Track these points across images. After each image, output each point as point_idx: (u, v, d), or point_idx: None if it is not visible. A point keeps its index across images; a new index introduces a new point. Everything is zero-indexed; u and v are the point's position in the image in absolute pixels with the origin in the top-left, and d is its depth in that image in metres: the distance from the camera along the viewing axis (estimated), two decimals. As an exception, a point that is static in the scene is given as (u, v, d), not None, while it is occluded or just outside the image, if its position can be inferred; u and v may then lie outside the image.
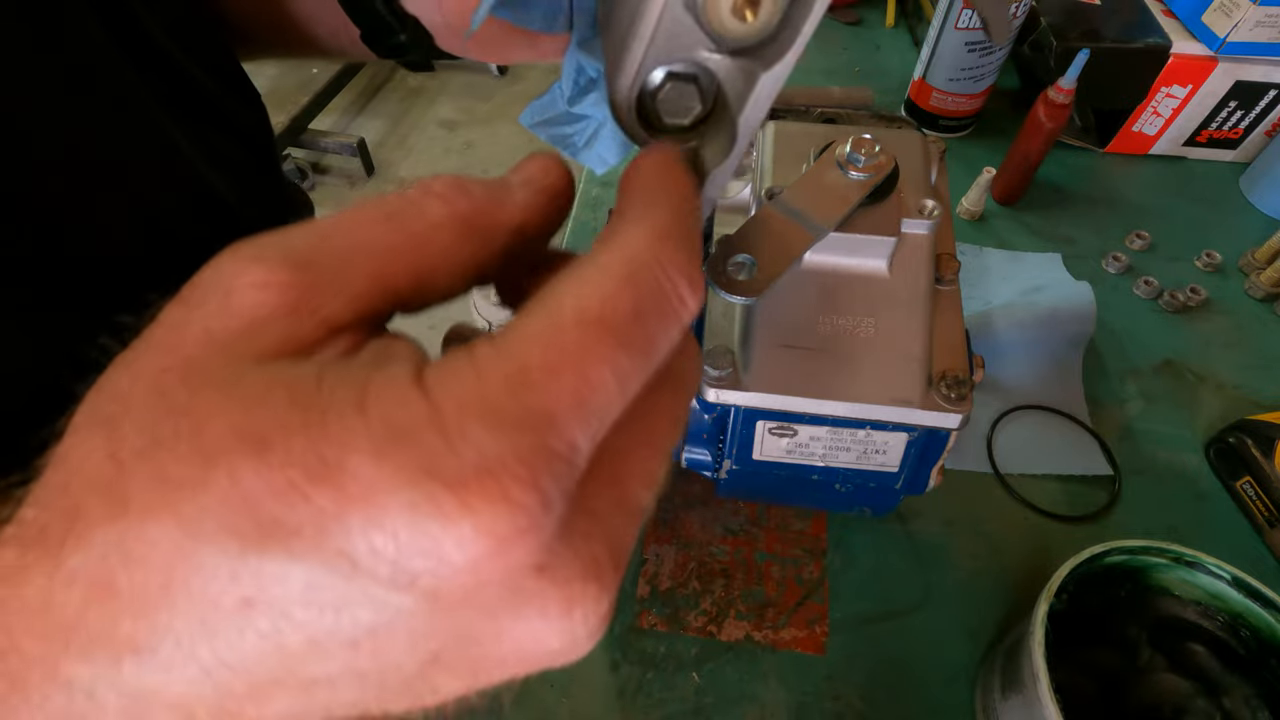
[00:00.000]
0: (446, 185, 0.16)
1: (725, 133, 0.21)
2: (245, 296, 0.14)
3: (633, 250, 0.15)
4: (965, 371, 0.35)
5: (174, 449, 0.12)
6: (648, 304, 0.14)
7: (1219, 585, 0.41)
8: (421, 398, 0.13)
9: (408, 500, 0.12)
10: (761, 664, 0.46)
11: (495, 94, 2.45)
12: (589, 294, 0.14)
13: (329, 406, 0.13)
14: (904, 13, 0.91)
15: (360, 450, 0.12)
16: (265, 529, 0.12)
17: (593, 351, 0.13)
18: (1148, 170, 0.75)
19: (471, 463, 0.12)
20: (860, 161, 0.36)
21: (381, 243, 0.15)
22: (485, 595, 0.13)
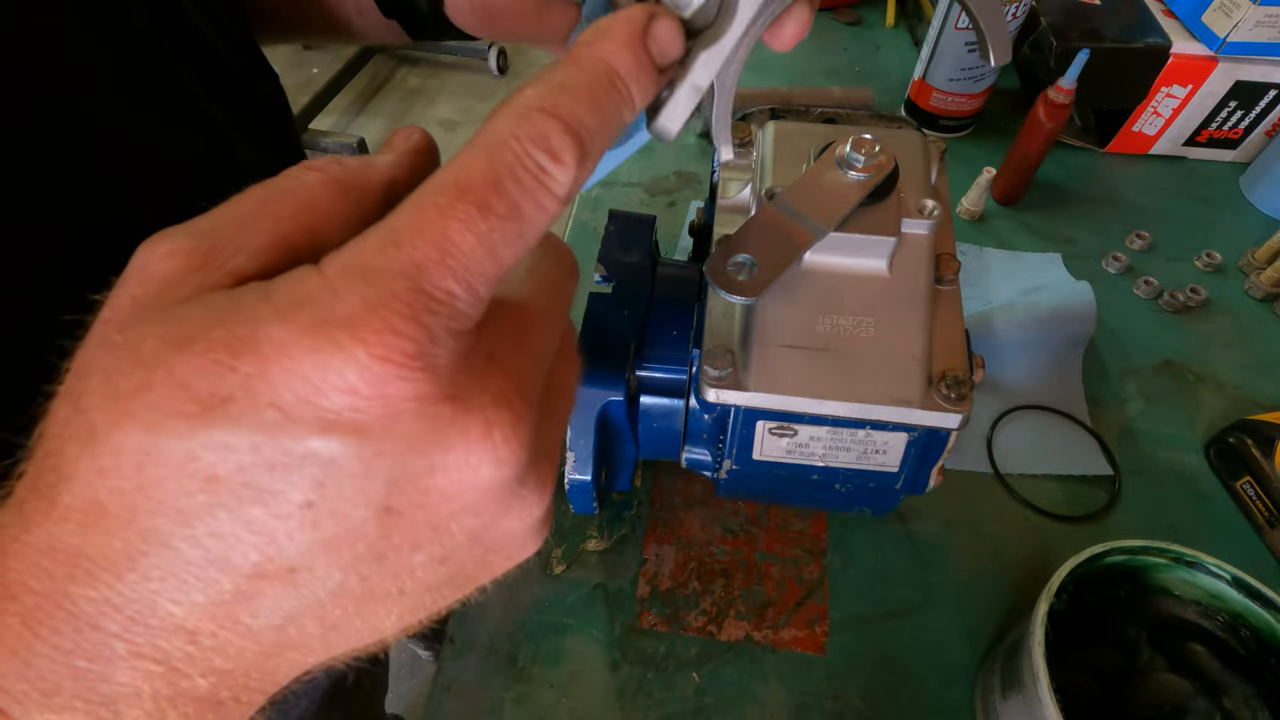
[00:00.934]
0: (321, 159, 0.18)
1: (726, 13, 0.20)
2: (156, 265, 0.16)
3: (494, 128, 0.16)
4: (965, 371, 0.35)
5: (119, 370, 0.14)
6: (503, 172, 0.16)
7: (1219, 585, 0.41)
8: (314, 273, 0.15)
9: (311, 345, 0.14)
10: (761, 664, 0.46)
11: (495, 94, 2.45)
12: (452, 170, 0.16)
13: (239, 303, 0.15)
14: (904, 13, 0.91)
15: (268, 321, 0.14)
16: (204, 403, 0.14)
17: (451, 212, 0.15)
18: (1148, 170, 0.75)
19: (357, 306, 0.14)
20: (860, 161, 0.36)
21: (270, 209, 0.17)
22: (404, 425, 0.15)
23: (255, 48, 0.38)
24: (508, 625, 0.47)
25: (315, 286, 0.15)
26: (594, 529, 0.51)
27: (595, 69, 0.18)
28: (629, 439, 0.43)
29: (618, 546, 0.50)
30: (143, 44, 0.29)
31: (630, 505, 0.52)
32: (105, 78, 0.28)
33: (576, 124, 0.17)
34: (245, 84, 0.36)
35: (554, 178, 0.17)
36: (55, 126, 0.26)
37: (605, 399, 0.40)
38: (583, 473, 0.41)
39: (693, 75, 0.20)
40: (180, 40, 0.31)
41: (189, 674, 0.16)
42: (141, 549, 0.15)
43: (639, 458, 0.46)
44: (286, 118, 0.41)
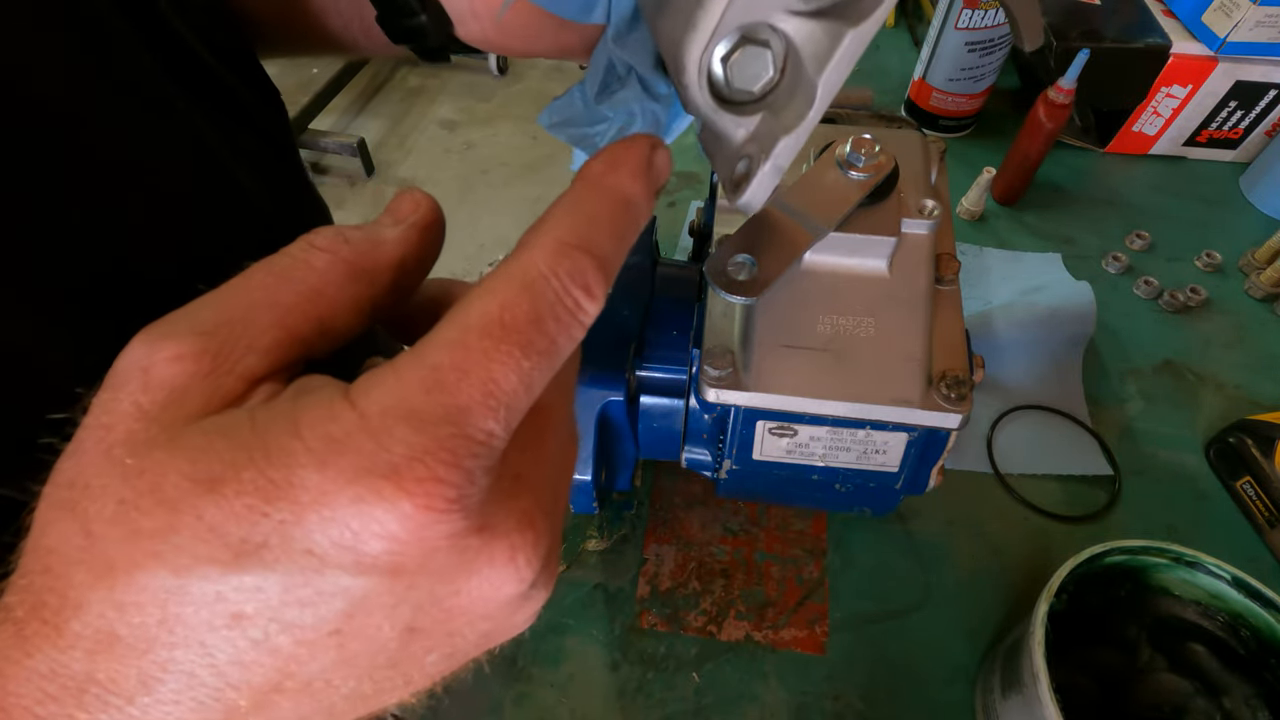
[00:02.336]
0: (326, 237, 0.18)
1: (802, 95, 0.20)
2: (162, 370, 0.15)
3: (532, 261, 0.17)
4: (965, 371, 0.35)
5: (138, 507, 0.14)
6: (545, 311, 0.16)
7: (1219, 585, 0.41)
8: (349, 409, 0.15)
9: (353, 495, 0.14)
10: (761, 664, 0.46)
11: (495, 94, 2.45)
12: (492, 302, 0.16)
13: (266, 438, 0.14)
14: (904, 13, 0.91)
15: (303, 465, 0.14)
16: (236, 550, 0.14)
17: (496, 353, 0.15)
18: (1148, 170, 0.75)
19: (401, 455, 0.14)
20: (860, 161, 0.36)
21: (278, 298, 0.17)
22: (437, 561, 0.15)
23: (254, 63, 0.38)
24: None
25: (353, 427, 0.14)
26: (594, 529, 0.51)
27: (615, 200, 0.18)
28: (629, 439, 0.43)
29: (618, 546, 0.50)
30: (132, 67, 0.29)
31: (630, 505, 0.52)
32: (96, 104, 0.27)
33: (606, 258, 0.17)
34: (243, 106, 0.35)
35: (586, 311, 0.17)
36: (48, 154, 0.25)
37: (605, 399, 0.40)
38: (583, 473, 0.41)
39: (775, 158, 0.21)
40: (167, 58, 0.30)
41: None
42: (158, 677, 0.14)
43: (639, 458, 0.46)
44: (287, 137, 0.40)
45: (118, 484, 0.14)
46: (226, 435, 0.15)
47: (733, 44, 0.20)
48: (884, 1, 0.18)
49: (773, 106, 0.21)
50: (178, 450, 0.14)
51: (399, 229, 0.19)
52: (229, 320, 0.16)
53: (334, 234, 0.18)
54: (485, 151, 2.27)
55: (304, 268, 0.17)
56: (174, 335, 0.15)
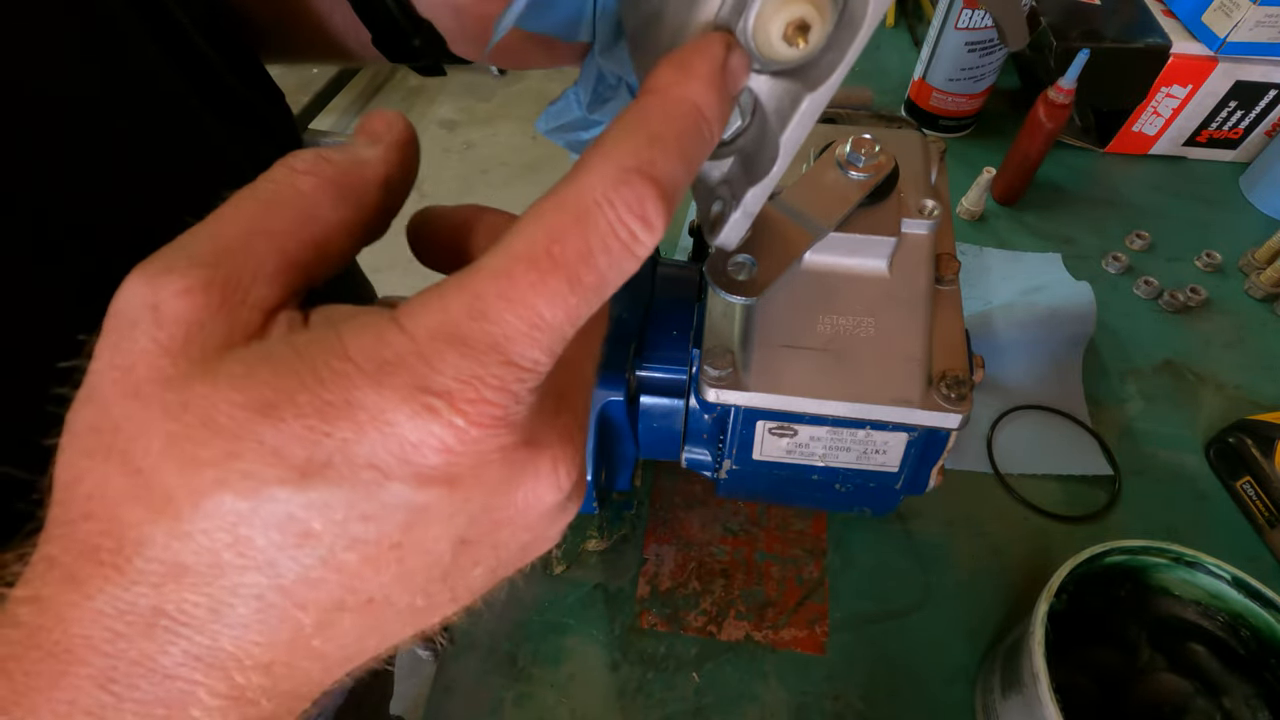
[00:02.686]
0: (307, 160, 0.17)
1: (768, 148, 0.21)
2: (173, 305, 0.15)
3: (588, 187, 0.16)
4: (965, 371, 0.35)
5: (191, 438, 0.14)
6: (597, 244, 0.15)
7: (1219, 585, 0.41)
8: (398, 332, 0.15)
9: (410, 412, 0.14)
10: (761, 664, 0.46)
11: (495, 94, 2.45)
12: (540, 232, 0.15)
13: (315, 362, 0.15)
14: (904, 13, 0.91)
15: (359, 386, 0.14)
16: (303, 469, 0.14)
17: (543, 286, 0.15)
18: (1148, 170, 0.75)
19: (451, 378, 0.15)
20: (860, 161, 0.36)
21: (272, 225, 0.16)
22: (489, 473, 0.16)
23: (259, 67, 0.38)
24: (508, 625, 0.47)
25: (404, 349, 0.15)
26: (594, 529, 0.51)
27: (685, 113, 0.17)
28: (629, 439, 0.43)
29: (618, 546, 0.50)
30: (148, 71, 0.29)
31: (630, 505, 0.52)
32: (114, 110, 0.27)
33: (670, 184, 0.16)
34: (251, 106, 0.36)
35: (643, 244, 0.16)
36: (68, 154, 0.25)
37: (605, 399, 0.40)
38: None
39: (745, 205, 0.22)
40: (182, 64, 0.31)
41: (258, 701, 0.16)
42: (229, 602, 0.15)
43: (639, 458, 0.46)
44: (293, 137, 0.40)
45: (159, 419, 0.14)
46: (270, 362, 0.15)
47: None
48: (839, 68, 0.18)
49: (743, 150, 0.22)
50: (220, 381, 0.14)
51: (378, 148, 0.18)
52: (228, 250, 0.16)
53: (315, 156, 0.17)
54: (485, 151, 2.27)
55: (291, 192, 0.17)
56: (176, 269, 0.15)
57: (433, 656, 1.06)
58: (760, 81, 0.20)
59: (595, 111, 0.29)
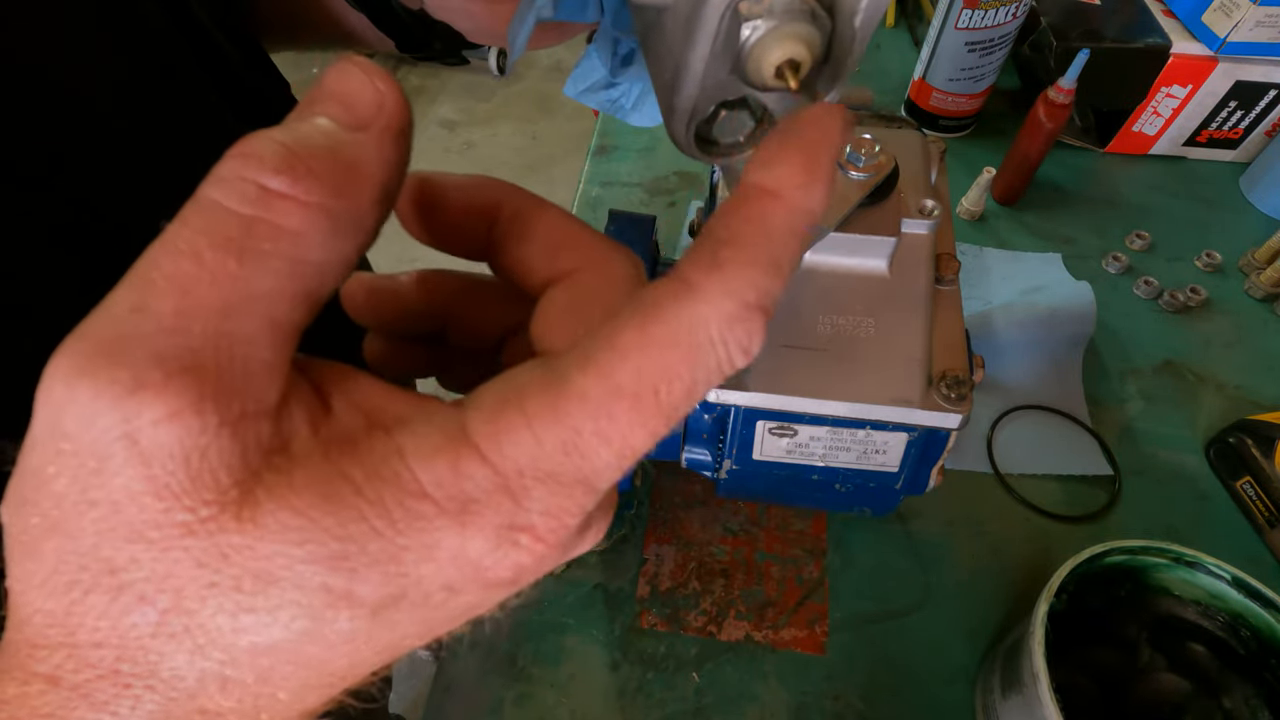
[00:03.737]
0: (283, 175, 0.13)
1: None
2: (160, 437, 0.12)
3: (703, 321, 0.13)
4: (965, 371, 0.35)
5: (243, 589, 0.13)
6: (701, 380, 0.14)
7: (1219, 585, 0.41)
8: (480, 464, 0.13)
9: (493, 546, 0.14)
10: (761, 664, 0.46)
11: (495, 94, 2.45)
12: (651, 368, 0.13)
13: (383, 502, 0.13)
14: (904, 13, 0.91)
15: (439, 529, 0.13)
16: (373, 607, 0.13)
17: (641, 425, 0.14)
18: (1148, 170, 0.75)
19: (539, 514, 0.14)
20: (860, 161, 0.36)
21: (254, 289, 0.12)
22: (543, 565, 0.15)
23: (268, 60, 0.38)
24: (507, 625, 0.47)
25: (490, 487, 0.13)
26: (594, 529, 0.51)
27: (808, 226, 0.14)
28: (629, 439, 0.43)
29: (618, 546, 0.50)
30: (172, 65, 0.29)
31: (630, 505, 0.52)
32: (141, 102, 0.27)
33: (772, 309, 0.14)
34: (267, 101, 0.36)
35: (738, 369, 0.15)
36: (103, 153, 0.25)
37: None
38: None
39: None
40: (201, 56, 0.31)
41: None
42: (274, 694, 0.14)
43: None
44: None
45: (188, 569, 0.12)
46: (325, 504, 0.13)
47: (713, 111, 0.21)
48: (837, 83, 0.19)
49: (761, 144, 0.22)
50: (264, 533, 0.12)
51: (370, 139, 0.14)
52: (206, 339, 0.12)
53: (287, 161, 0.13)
54: (485, 151, 2.27)
55: (270, 233, 0.12)
56: (148, 385, 0.12)
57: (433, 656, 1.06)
58: (763, 95, 0.21)
59: (618, 75, 0.29)
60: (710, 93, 0.20)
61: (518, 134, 2.32)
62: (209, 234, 0.12)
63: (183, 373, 0.12)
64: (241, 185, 0.12)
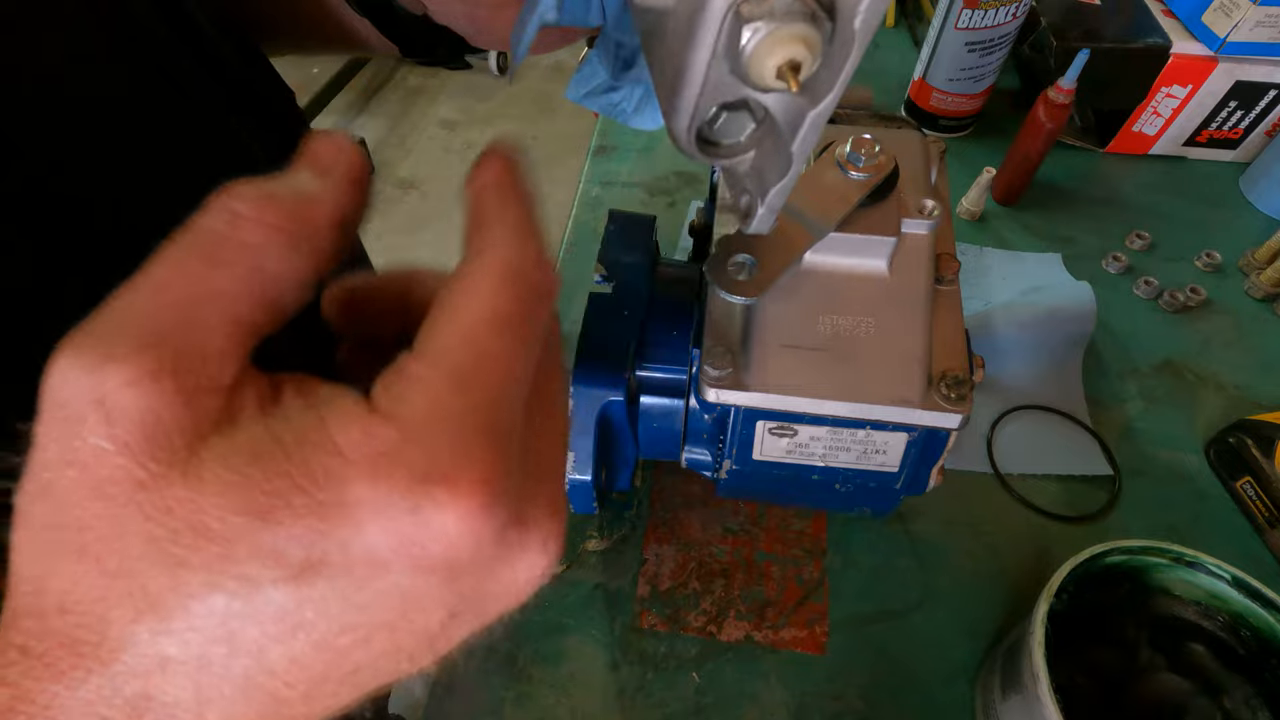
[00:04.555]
0: (252, 201, 0.16)
1: (782, 154, 0.22)
2: (122, 399, 0.14)
3: (508, 255, 0.17)
4: (965, 371, 0.35)
5: (178, 542, 0.14)
6: (530, 298, 0.17)
7: (1219, 585, 0.41)
8: (384, 423, 0.15)
9: (411, 504, 0.14)
10: (761, 664, 0.46)
11: (495, 94, 2.45)
12: (486, 301, 0.16)
13: (306, 461, 0.14)
14: (904, 13, 0.91)
15: (354, 482, 0.14)
16: (299, 567, 0.14)
17: (503, 347, 0.16)
18: (1148, 170, 0.75)
19: (448, 460, 0.15)
20: (860, 161, 0.36)
21: (217, 286, 0.15)
22: (484, 554, 0.16)
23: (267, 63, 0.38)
24: (508, 625, 0.47)
25: (396, 439, 0.15)
26: (594, 529, 0.51)
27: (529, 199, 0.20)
28: (629, 439, 0.43)
29: (618, 546, 0.50)
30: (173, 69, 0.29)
31: (630, 505, 0.52)
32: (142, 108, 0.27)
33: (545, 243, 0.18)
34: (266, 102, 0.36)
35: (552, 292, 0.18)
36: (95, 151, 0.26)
37: (605, 399, 0.40)
38: (583, 473, 0.41)
39: (769, 202, 0.23)
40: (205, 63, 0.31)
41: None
42: (216, 685, 0.15)
43: (639, 458, 0.46)
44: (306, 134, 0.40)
45: (137, 522, 0.14)
46: (259, 462, 0.14)
47: (713, 113, 0.22)
48: (837, 85, 0.19)
49: (762, 145, 0.23)
50: (206, 485, 0.14)
51: (329, 182, 0.17)
52: (173, 323, 0.14)
53: (259, 196, 0.16)
54: (485, 151, 2.27)
55: (236, 246, 0.15)
56: (116, 355, 0.14)
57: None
58: (764, 96, 0.21)
59: (620, 79, 0.29)
60: (711, 94, 0.20)
61: (518, 134, 2.32)
62: (189, 247, 0.15)
63: (146, 348, 0.14)
64: (220, 212, 0.16)
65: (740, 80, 0.19)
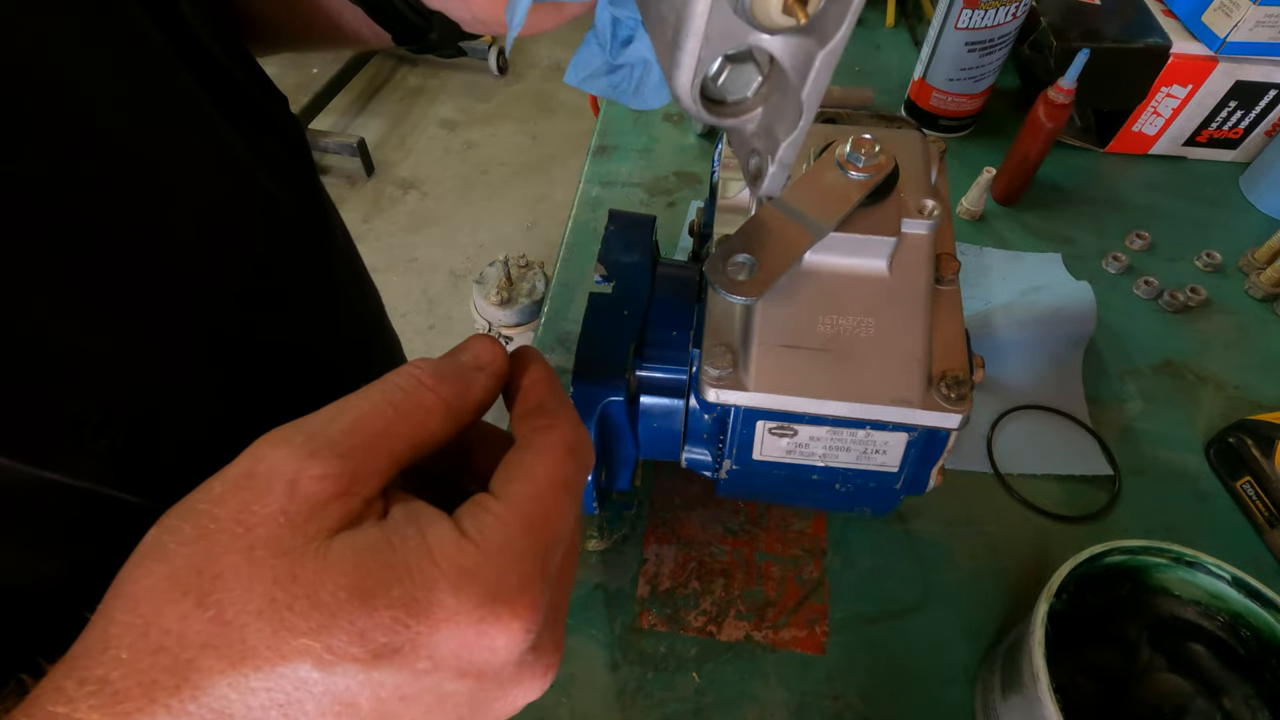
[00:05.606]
0: (433, 377, 0.21)
1: (792, 103, 0.21)
2: (309, 486, 0.18)
3: (571, 435, 0.22)
4: (965, 371, 0.35)
5: (292, 608, 0.16)
6: (581, 471, 0.22)
7: (1219, 585, 0.41)
8: (474, 547, 0.18)
9: (479, 618, 0.18)
10: (761, 664, 0.46)
11: (495, 94, 2.45)
12: (556, 468, 0.21)
13: (409, 562, 0.18)
14: (904, 13, 0.91)
15: (442, 589, 0.17)
16: (376, 652, 0.17)
17: (561, 506, 0.21)
18: (1148, 170, 0.75)
19: (514, 585, 0.18)
20: (860, 161, 0.36)
21: (396, 429, 0.20)
22: (508, 671, 0.19)
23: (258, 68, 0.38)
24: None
25: (480, 560, 0.18)
26: (594, 529, 0.51)
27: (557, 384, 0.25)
28: (629, 439, 0.43)
29: (618, 546, 0.50)
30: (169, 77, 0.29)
31: (630, 505, 0.52)
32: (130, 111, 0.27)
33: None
34: (260, 109, 0.36)
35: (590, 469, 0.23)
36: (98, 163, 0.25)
37: (605, 399, 0.40)
38: (583, 473, 0.41)
39: (780, 159, 0.23)
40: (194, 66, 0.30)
41: None
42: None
43: (639, 458, 0.46)
44: (300, 138, 0.40)
45: (266, 583, 0.17)
46: (375, 556, 0.17)
47: (718, 67, 0.21)
48: (846, 20, 0.18)
49: (769, 101, 0.22)
50: (331, 562, 0.17)
51: (483, 375, 0.23)
52: (363, 447, 0.19)
53: (437, 375, 0.21)
54: (485, 151, 2.27)
55: (416, 406, 0.20)
56: (318, 456, 0.18)
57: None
58: (769, 41, 0.20)
59: (619, 57, 0.29)
60: (715, 43, 0.19)
61: (518, 134, 2.32)
62: (386, 396, 0.20)
63: (341, 457, 0.18)
64: (409, 377, 0.21)
65: (745, 21, 0.18)
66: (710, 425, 0.41)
